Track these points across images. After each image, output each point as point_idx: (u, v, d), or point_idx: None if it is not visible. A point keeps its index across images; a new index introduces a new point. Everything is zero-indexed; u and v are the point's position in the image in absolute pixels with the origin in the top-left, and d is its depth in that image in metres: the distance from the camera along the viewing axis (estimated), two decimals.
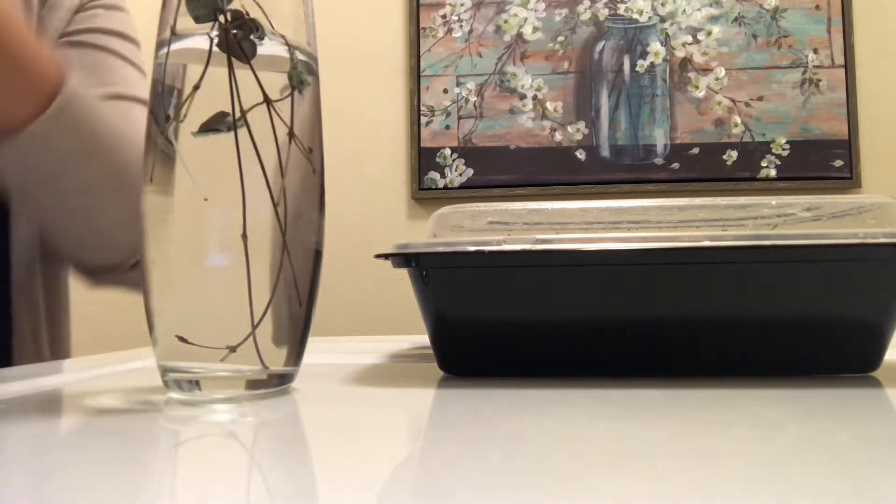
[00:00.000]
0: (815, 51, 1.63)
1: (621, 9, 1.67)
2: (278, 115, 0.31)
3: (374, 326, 1.67)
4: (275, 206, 0.31)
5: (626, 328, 0.35)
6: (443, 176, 1.66)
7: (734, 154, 1.63)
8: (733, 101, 1.64)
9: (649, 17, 1.67)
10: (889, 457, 0.20)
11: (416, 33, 1.70)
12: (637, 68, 1.66)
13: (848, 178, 1.61)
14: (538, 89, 1.67)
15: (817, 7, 1.64)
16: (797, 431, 0.24)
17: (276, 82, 0.31)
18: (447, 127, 1.67)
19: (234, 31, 0.31)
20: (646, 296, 0.35)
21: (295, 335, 0.32)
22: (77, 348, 0.70)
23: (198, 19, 0.31)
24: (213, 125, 0.30)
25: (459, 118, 1.67)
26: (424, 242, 0.36)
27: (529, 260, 0.35)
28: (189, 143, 0.30)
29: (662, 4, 1.66)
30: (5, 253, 0.61)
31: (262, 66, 0.31)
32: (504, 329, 0.36)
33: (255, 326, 0.30)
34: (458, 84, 1.68)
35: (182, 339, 0.30)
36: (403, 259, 0.36)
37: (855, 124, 1.62)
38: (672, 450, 0.21)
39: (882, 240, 0.33)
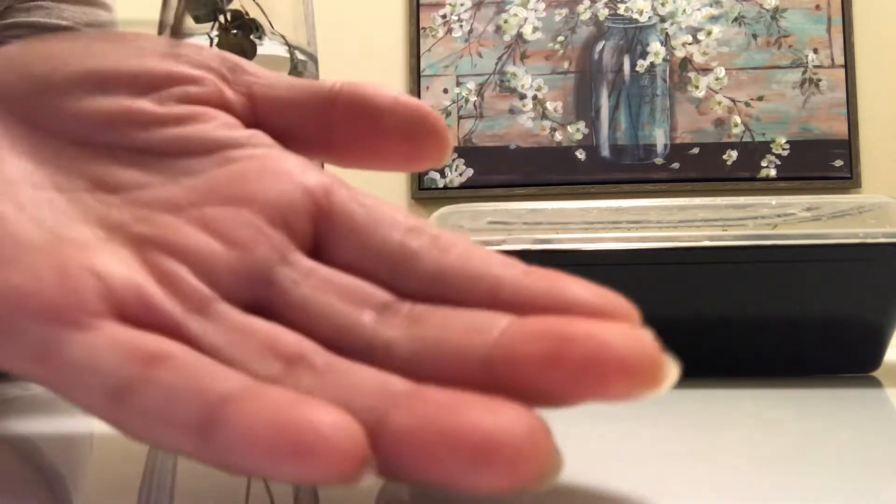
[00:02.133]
0: (815, 51, 1.64)
1: (621, 9, 1.67)
2: None
3: None
4: None
5: None
6: (443, 176, 1.66)
7: (734, 154, 1.63)
8: (733, 101, 1.64)
9: (649, 17, 1.67)
10: (889, 457, 0.20)
11: (416, 33, 1.70)
12: (637, 68, 1.66)
13: (848, 178, 1.61)
14: (538, 89, 1.67)
15: (817, 7, 1.64)
16: (797, 431, 0.24)
17: None
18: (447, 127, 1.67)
19: (234, 31, 0.31)
20: (645, 296, 0.35)
21: None
22: None
23: (198, 19, 0.31)
24: None
25: (459, 118, 1.67)
26: None
27: (529, 260, 0.34)
28: None
29: (662, 4, 1.66)
30: None
31: (261, 66, 0.31)
32: None
33: None
34: (458, 84, 1.68)
35: None
36: None
37: (855, 124, 1.62)
38: (672, 450, 0.21)
39: (882, 240, 0.33)
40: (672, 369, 0.15)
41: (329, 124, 0.22)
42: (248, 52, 0.31)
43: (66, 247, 0.18)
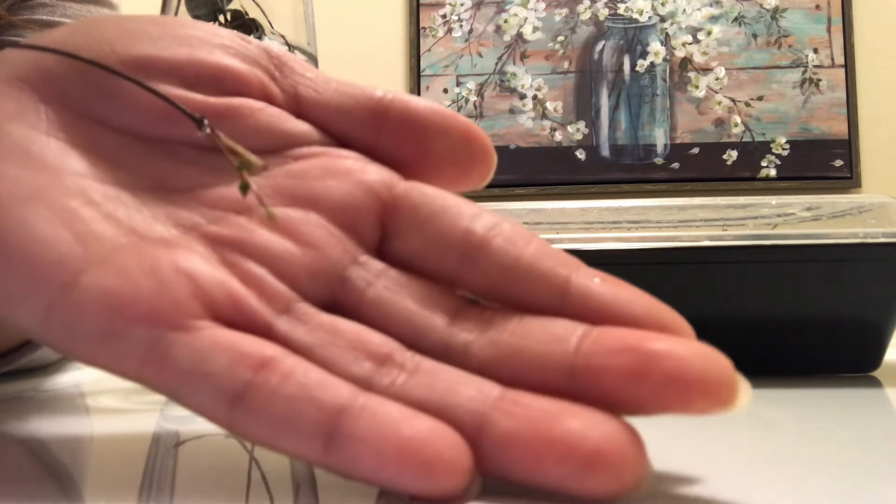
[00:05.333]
0: (815, 51, 1.63)
1: (621, 8, 1.67)
2: None
3: None
4: None
5: None
6: None
7: (734, 154, 1.63)
8: (733, 100, 1.64)
9: (649, 17, 1.67)
10: (889, 457, 0.20)
11: (416, 33, 1.70)
12: (637, 68, 1.66)
13: (848, 178, 1.61)
14: (538, 89, 1.67)
15: (817, 7, 1.64)
16: (797, 431, 0.24)
17: None
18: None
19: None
20: None
21: None
22: None
23: (197, 19, 0.31)
24: None
25: None
26: None
27: None
28: None
29: (662, 4, 1.66)
30: None
31: None
32: None
33: None
34: (458, 84, 1.68)
35: None
36: None
37: (855, 124, 1.62)
38: (671, 449, 0.21)
39: (882, 240, 0.33)
40: (745, 391, 0.15)
41: (377, 139, 0.20)
42: None
43: (150, 246, 0.17)
